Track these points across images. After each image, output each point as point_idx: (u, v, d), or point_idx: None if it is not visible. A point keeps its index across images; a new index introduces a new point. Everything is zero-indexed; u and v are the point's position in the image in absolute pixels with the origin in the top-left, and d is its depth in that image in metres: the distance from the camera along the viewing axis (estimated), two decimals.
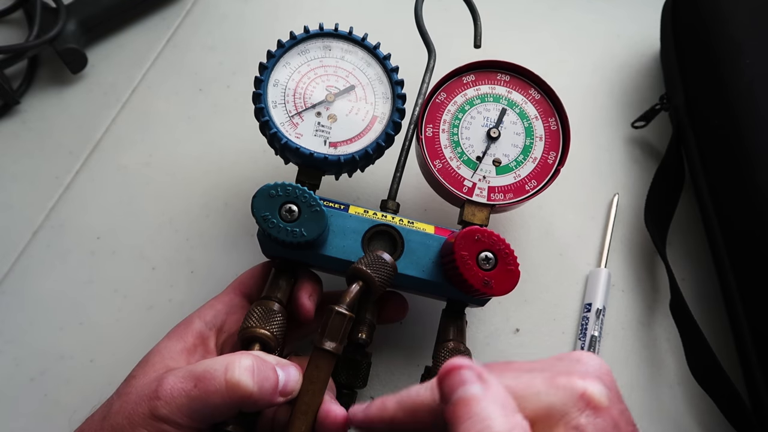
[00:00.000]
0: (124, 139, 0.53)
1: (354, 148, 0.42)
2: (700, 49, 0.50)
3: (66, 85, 0.55)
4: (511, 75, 0.44)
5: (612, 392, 0.28)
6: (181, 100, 0.55)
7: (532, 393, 0.27)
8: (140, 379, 0.34)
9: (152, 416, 0.31)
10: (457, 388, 0.26)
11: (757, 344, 0.43)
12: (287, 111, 0.42)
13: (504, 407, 0.26)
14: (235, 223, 0.51)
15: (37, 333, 0.47)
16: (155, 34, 0.58)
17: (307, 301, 0.39)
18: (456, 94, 0.44)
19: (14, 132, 0.53)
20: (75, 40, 0.53)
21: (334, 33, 0.44)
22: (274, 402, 0.33)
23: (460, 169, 0.42)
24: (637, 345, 0.48)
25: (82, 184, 0.52)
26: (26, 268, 0.49)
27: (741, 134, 0.45)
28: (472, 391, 0.26)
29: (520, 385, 0.27)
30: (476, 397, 0.26)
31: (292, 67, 0.43)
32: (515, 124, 0.43)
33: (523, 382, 0.27)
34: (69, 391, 0.45)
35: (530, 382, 0.27)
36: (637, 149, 0.55)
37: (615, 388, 0.28)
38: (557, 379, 0.27)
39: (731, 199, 0.46)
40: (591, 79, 0.58)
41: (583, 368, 0.28)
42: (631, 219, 0.53)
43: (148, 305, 0.48)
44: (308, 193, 0.38)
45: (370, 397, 0.45)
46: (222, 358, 0.33)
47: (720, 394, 0.44)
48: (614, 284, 0.50)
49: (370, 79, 0.43)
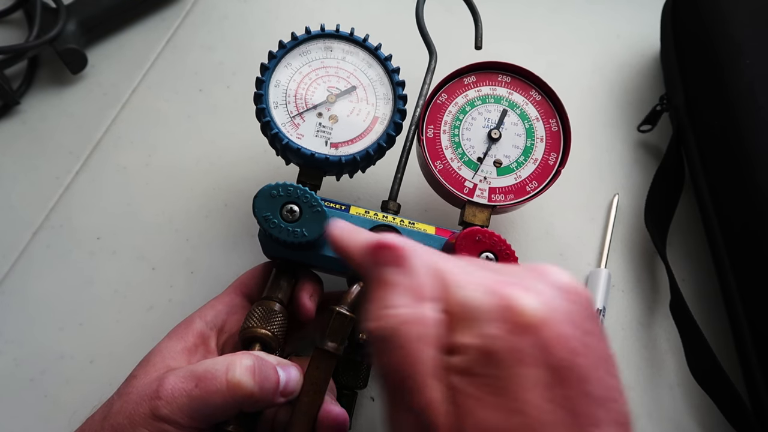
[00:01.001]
0: (124, 139, 0.53)
1: (355, 149, 0.42)
2: (700, 49, 0.50)
3: (66, 85, 0.55)
4: (512, 76, 0.44)
5: (558, 321, 0.23)
6: (181, 100, 0.55)
7: (459, 287, 0.24)
8: (141, 379, 0.34)
9: (153, 416, 0.31)
10: (376, 267, 0.25)
11: (757, 344, 0.43)
12: (288, 112, 0.42)
13: (415, 295, 0.24)
14: (235, 224, 0.51)
15: (37, 333, 0.47)
16: (155, 34, 0.58)
17: (308, 302, 0.39)
18: (457, 95, 0.44)
19: (14, 132, 0.53)
20: (75, 40, 0.53)
21: (336, 34, 0.44)
22: (275, 402, 0.33)
23: (461, 170, 0.42)
24: (637, 345, 0.49)
25: (82, 184, 0.52)
26: (26, 268, 0.49)
27: (741, 134, 0.45)
28: (387, 275, 0.24)
29: (455, 277, 0.24)
30: (389, 282, 0.24)
31: (294, 67, 0.43)
32: (516, 125, 0.43)
33: (461, 275, 0.25)
34: (69, 391, 0.45)
35: (469, 277, 0.24)
36: (637, 150, 0.55)
37: (581, 314, 0.24)
38: (499, 284, 0.24)
39: (731, 199, 0.46)
40: (591, 79, 0.58)
41: (542, 281, 0.24)
42: (631, 219, 0.53)
43: (148, 305, 0.48)
44: (309, 193, 0.38)
45: (370, 398, 0.45)
46: (223, 358, 0.33)
47: (720, 395, 0.44)
48: (614, 284, 0.50)
49: (372, 80, 0.43)
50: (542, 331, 0.22)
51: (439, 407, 0.22)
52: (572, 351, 0.22)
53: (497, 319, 0.22)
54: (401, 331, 0.23)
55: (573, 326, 0.23)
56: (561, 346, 0.22)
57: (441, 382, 0.23)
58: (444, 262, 0.25)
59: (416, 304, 0.23)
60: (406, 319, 0.23)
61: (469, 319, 0.23)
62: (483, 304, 0.23)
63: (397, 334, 0.23)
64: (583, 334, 0.23)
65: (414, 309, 0.23)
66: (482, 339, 0.22)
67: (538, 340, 0.22)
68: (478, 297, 0.23)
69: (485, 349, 0.22)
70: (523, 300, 0.23)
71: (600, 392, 0.22)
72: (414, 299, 0.24)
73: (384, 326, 0.23)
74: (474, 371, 0.22)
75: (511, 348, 0.22)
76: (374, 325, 0.24)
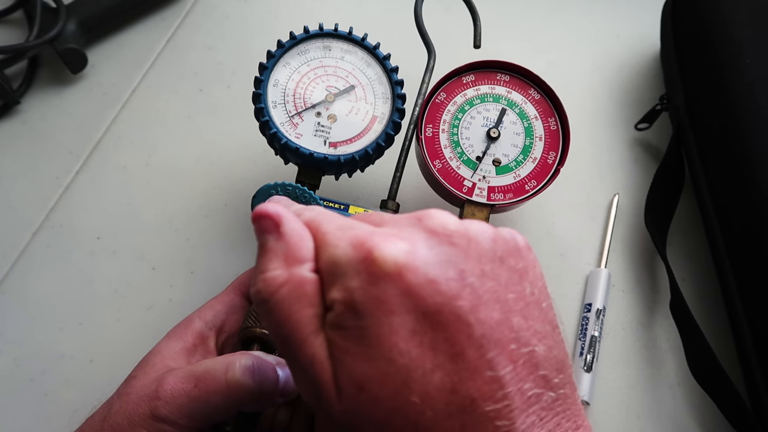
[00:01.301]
0: (124, 139, 0.53)
1: (354, 148, 0.42)
2: (700, 49, 0.50)
3: (66, 85, 0.55)
4: (510, 75, 0.44)
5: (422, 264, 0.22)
6: (181, 100, 0.55)
7: (330, 245, 0.24)
8: (140, 379, 0.34)
9: (152, 416, 0.31)
10: (258, 235, 0.26)
11: (757, 344, 0.43)
12: (287, 111, 0.42)
13: (287, 258, 0.24)
14: (235, 223, 0.51)
15: (37, 333, 0.47)
16: (155, 34, 0.58)
17: None
18: (456, 94, 0.44)
19: (14, 132, 0.53)
20: (75, 40, 0.53)
21: (334, 33, 0.44)
22: (274, 402, 0.33)
23: (459, 169, 0.42)
24: (637, 345, 0.48)
25: (82, 184, 0.52)
26: (26, 268, 0.49)
27: (741, 134, 0.45)
28: (265, 241, 0.25)
29: (329, 236, 0.25)
30: (266, 248, 0.25)
31: (292, 67, 0.43)
32: (515, 124, 0.43)
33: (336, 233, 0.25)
34: (69, 391, 0.45)
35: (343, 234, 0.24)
36: (637, 149, 0.55)
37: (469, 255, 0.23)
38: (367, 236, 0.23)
39: (731, 199, 0.46)
40: (591, 79, 0.58)
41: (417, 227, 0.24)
42: (631, 219, 0.53)
43: (148, 305, 0.48)
44: (308, 192, 0.38)
45: None
46: (222, 358, 0.33)
47: (720, 394, 0.44)
48: (614, 284, 0.50)
49: (370, 80, 0.43)
50: (404, 277, 0.22)
51: (322, 362, 0.23)
52: (445, 294, 0.22)
53: (356, 271, 0.23)
54: (277, 294, 0.24)
55: (449, 269, 0.22)
56: (428, 290, 0.22)
57: (321, 338, 0.23)
58: (327, 224, 0.25)
59: (289, 267, 0.24)
60: (280, 282, 0.24)
61: (335, 275, 0.23)
62: (345, 258, 0.23)
63: (274, 297, 0.24)
64: (466, 276, 0.22)
65: (287, 272, 0.24)
66: (345, 292, 0.23)
67: (400, 287, 0.22)
68: (342, 252, 0.23)
69: (348, 302, 0.22)
70: (383, 249, 0.22)
71: (494, 334, 0.22)
72: (287, 263, 0.24)
73: (261, 290, 0.24)
74: (343, 324, 0.23)
75: (371, 298, 0.22)
76: (253, 290, 0.25)
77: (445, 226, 0.24)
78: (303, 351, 0.23)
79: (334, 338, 0.23)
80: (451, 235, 0.23)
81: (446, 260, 0.23)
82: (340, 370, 0.22)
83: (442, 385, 0.21)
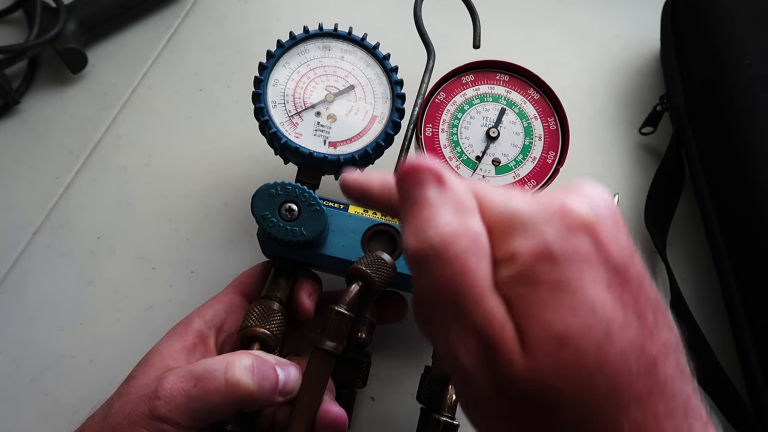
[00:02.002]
0: (124, 139, 0.53)
1: (353, 148, 0.42)
2: (700, 49, 0.50)
3: (66, 85, 0.55)
4: (510, 75, 0.44)
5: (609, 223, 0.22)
6: (181, 100, 0.55)
7: (501, 201, 0.23)
8: (140, 379, 0.34)
9: (152, 416, 0.31)
10: (411, 190, 0.24)
11: (757, 344, 0.42)
12: (287, 111, 0.42)
13: (457, 210, 0.23)
14: (235, 223, 0.51)
15: (37, 333, 0.47)
16: (155, 34, 0.58)
17: (307, 301, 0.39)
18: (455, 94, 0.44)
19: (14, 132, 0.53)
20: (75, 40, 0.53)
21: (334, 33, 0.44)
22: (274, 401, 0.33)
23: (459, 169, 0.42)
24: None
25: (82, 184, 0.52)
26: (26, 268, 0.49)
27: (741, 134, 0.45)
28: (426, 194, 0.23)
29: (493, 194, 0.24)
30: (428, 201, 0.23)
31: (292, 67, 0.43)
32: (514, 124, 0.43)
33: (499, 192, 0.24)
34: (69, 391, 0.45)
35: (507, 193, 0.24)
36: (637, 149, 0.55)
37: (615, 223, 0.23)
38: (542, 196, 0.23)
39: (731, 198, 0.46)
40: (591, 79, 0.58)
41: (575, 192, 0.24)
42: (631, 219, 0.52)
43: (148, 305, 0.48)
44: (308, 192, 0.38)
45: (370, 398, 0.45)
46: (222, 358, 0.33)
47: (720, 394, 0.44)
48: None
49: (370, 79, 0.43)
50: (598, 230, 0.22)
51: (502, 319, 0.21)
52: (627, 253, 0.22)
53: (551, 221, 0.22)
54: (450, 246, 0.22)
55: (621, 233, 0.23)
56: (616, 246, 0.22)
57: (497, 295, 0.22)
58: (481, 186, 0.25)
59: (462, 218, 0.23)
60: (453, 231, 0.22)
61: (521, 226, 0.22)
62: (534, 210, 0.22)
63: (446, 249, 0.22)
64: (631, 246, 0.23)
65: (461, 222, 0.22)
66: (539, 241, 0.21)
67: (594, 240, 0.22)
68: (526, 205, 0.23)
69: (543, 251, 0.21)
70: (576, 202, 0.22)
71: (654, 296, 0.22)
72: (459, 213, 0.23)
73: (430, 242, 0.22)
74: (535, 276, 0.21)
75: (570, 247, 0.21)
76: (417, 244, 0.23)
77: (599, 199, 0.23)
78: (480, 307, 0.21)
79: (521, 292, 0.21)
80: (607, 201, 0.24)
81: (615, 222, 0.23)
82: (533, 325, 0.21)
83: (635, 341, 0.21)
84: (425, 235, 0.22)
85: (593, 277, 0.21)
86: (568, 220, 0.22)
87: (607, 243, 0.22)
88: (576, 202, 0.22)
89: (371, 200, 0.28)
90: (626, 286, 0.21)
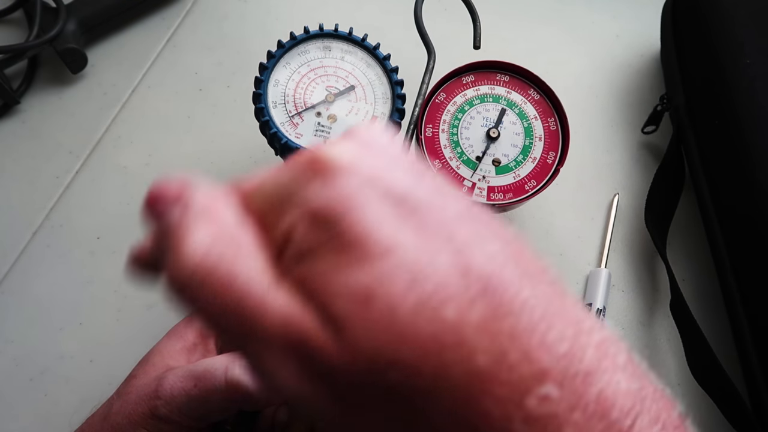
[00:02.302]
0: (124, 139, 0.53)
1: None
2: (700, 49, 0.50)
3: (66, 85, 0.55)
4: (510, 75, 0.44)
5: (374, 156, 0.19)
6: (181, 99, 0.55)
7: (259, 185, 0.21)
8: (140, 378, 0.34)
9: (152, 416, 0.31)
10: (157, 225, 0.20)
11: (757, 344, 0.42)
12: (287, 111, 0.42)
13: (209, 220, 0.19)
14: None
15: (37, 333, 0.47)
16: (155, 34, 0.58)
17: None
18: (455, 95, 0.44)
19: (14, 132, 0.53)
20: (75, 40, 0.53)
21: (334, 33, 0.44)
22: (274, 401, 0.33)
23: (459, 169, 0.42)
24: (637, 345, 0.48)
25: (82, 184, 0.52)
26: (26, 268, 0.49)
27: (741, 134, 0.45)
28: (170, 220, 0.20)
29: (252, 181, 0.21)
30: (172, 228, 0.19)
31: (292, 67, 0.43)
32: (515, 124, 0.43)
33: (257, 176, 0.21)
34: (69, 391, 0.45)
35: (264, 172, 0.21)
36: (638, 149, 0.55)
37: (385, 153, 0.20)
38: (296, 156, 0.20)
39: (732, 198, 0.46)
40: (591, 79, 0.58)
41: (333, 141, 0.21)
42: (631, 219, 0.53)
43: (148, 305, 0.48)
44: None
45: None
46: (222, 357, 0.33)
47: (720, 394, 0.44)
48: (614, 284, 0.50)
49: (370, 80, 0.43)
50: (362, 165, 0.19)
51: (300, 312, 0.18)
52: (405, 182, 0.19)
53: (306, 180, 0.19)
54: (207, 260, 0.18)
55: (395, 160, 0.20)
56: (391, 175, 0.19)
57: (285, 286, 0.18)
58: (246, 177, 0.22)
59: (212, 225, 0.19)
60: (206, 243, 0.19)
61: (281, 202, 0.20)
62: (286, 177, 0.20)
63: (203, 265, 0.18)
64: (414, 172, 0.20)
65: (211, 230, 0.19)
66: (302, 207, 0.19)
67: (362, 176, 0.19)
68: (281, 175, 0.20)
69: (311, 214, 0.18)
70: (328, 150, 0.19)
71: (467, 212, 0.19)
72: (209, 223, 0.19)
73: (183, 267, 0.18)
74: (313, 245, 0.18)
75: (336, 195, 0.18)
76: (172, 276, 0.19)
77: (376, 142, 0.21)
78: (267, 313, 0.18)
79: (308, 268, 0.18)
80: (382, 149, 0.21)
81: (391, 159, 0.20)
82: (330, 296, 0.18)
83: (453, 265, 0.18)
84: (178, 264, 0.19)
85: (377, 214, 0.18)
86: (324, 169, 0.19)
87: (379, 172, 0.19)
88: (327, 149, 0.20)
89: None
90: (416, 214, 0.18)
